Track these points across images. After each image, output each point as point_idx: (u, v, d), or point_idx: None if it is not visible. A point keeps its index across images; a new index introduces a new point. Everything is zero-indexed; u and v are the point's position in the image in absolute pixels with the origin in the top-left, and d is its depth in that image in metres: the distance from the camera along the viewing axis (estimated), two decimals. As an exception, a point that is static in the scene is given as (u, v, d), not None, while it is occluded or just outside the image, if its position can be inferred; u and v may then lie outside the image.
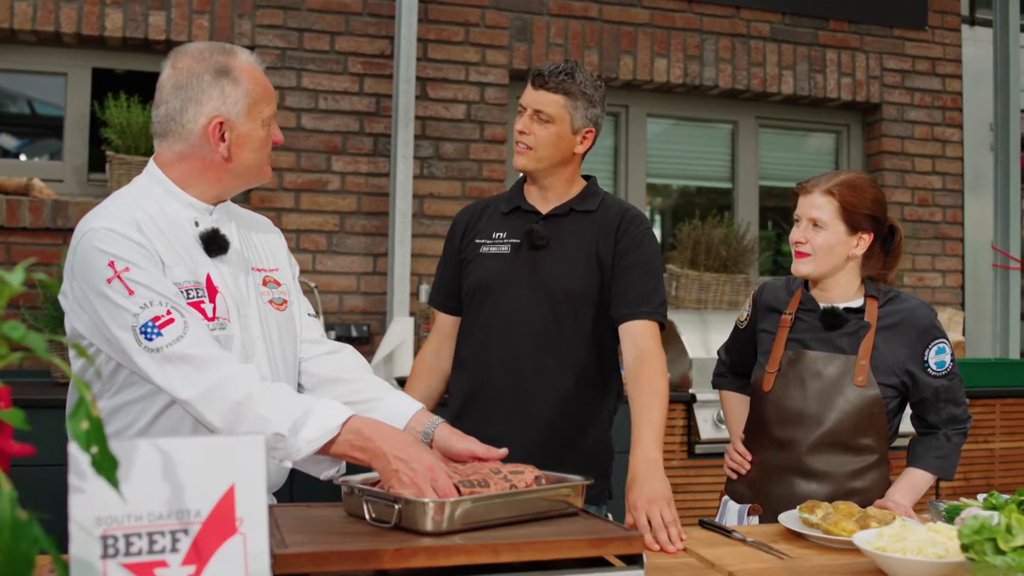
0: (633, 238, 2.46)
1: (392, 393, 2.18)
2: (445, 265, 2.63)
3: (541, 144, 2.43)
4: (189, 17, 4.23)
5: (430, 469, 1.73)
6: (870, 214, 2.36)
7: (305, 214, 4.39)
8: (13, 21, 4.00)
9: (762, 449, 2.44)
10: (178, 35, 4.20)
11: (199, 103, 1.93)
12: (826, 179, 2.37)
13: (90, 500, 1.19)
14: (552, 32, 4.73)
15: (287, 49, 4.37)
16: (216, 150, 1.95)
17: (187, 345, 1.80)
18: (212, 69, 1.94)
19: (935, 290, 5.25)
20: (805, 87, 5.08)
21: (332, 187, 4.43)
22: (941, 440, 2.37)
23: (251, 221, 2.21)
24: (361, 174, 4.47)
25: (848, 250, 2.36)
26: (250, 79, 1.97)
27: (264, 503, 1.29)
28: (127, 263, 1.83)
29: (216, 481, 1.26)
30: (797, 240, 2.37)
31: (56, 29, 4.05)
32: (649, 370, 2.27)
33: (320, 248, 4.41)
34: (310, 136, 4.40)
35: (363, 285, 4.46)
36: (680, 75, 4.91)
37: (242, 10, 4.30)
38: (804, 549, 1.99)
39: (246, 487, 1.28)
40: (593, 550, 1.65)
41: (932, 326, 2.35)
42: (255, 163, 2.01)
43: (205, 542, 1.25)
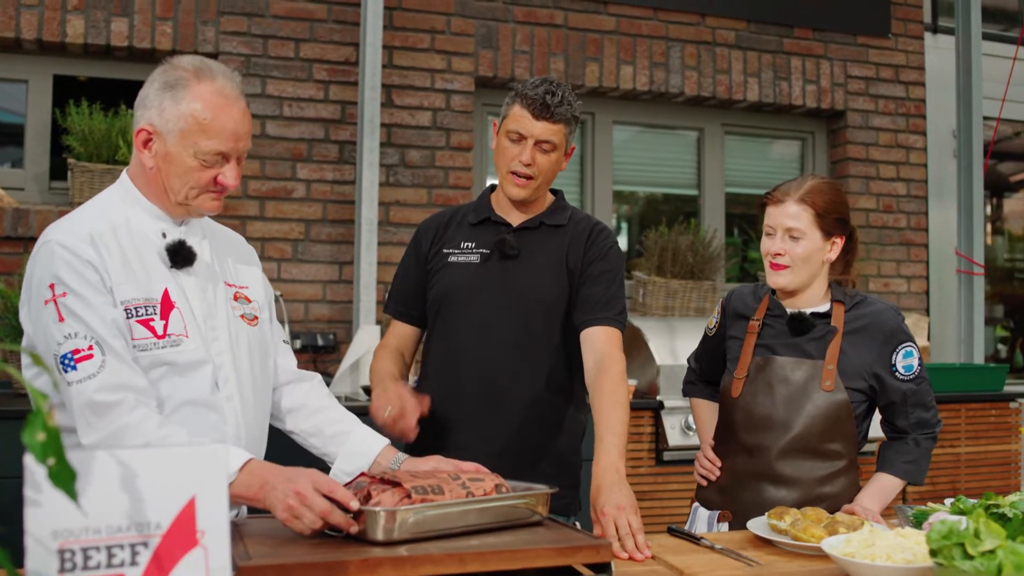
0: (601, 249, 2.47)
1: (360, 427, 2.18)
2: (407, 274, 2.60)
3: (543, 172, 2.42)
4: (152, 23, 4.18)
5: (298, 493, 1.67)
6: (840, 217, 2.36)
7: (270, 222, 4.35)
8: (-29, 27, 3.93)
9: (731, 455, 2.44)
10: (140, 41, 4.15)
11: (143, 108, 1.91)
12: (795, 187, 2.36)
13: (46, 513, 1.16)
14: (518, 39, 4.73)
15: (251, 56, 4.33)
16: (140, 156, 1.92)
17: (94, 388, 1.77)
18: (165, 80, 1.89)
19: (900, 295, 5.29)
20: (770, 94, 5.11)
21: (297, 195, 4.40)
22: (910, 445, 2.37)
23: (227, 239, 2.18)
24: (327, 182, 4.44)
25: (824, 256, 2.36)
26: (197, 105, 1.87)
27: (226, 514, 1.26)
28: (66, 287, 1.80)
29: (177, 492, 1.24)
30: (776, 252, 2.35)
31: (16, 35, 3.99)
32: (609, 377, 2.27)
33: (285, 256, 4.37)
34: (275, 143, 4.37)
35: (329, 293, 4.42)
36: (646, 82, 4.92)
37: (206, 16, 4.26)
38: (773, 556, 1.99)
39: (207, 498, 1.25)
40: (561, 559, 1.63)
41: (899, 329, 2.35)
42: (179, 188, 1.91)
43: (165, 555, 1.22)
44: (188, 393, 1.90)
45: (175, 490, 1.24)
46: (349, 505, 1.65)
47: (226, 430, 1.94)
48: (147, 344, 1.86)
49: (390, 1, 4.47)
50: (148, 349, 1.86)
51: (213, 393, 1.93)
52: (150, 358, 1.86)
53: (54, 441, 1.04)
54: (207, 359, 1.93)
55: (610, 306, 2.39)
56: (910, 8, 5.37)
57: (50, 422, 1.04)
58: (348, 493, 1.67)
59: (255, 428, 2.04)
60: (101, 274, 1.84)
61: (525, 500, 1.80)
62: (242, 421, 1.98)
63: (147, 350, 1.86)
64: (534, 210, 2.52)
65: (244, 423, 1.98)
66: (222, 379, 1.96)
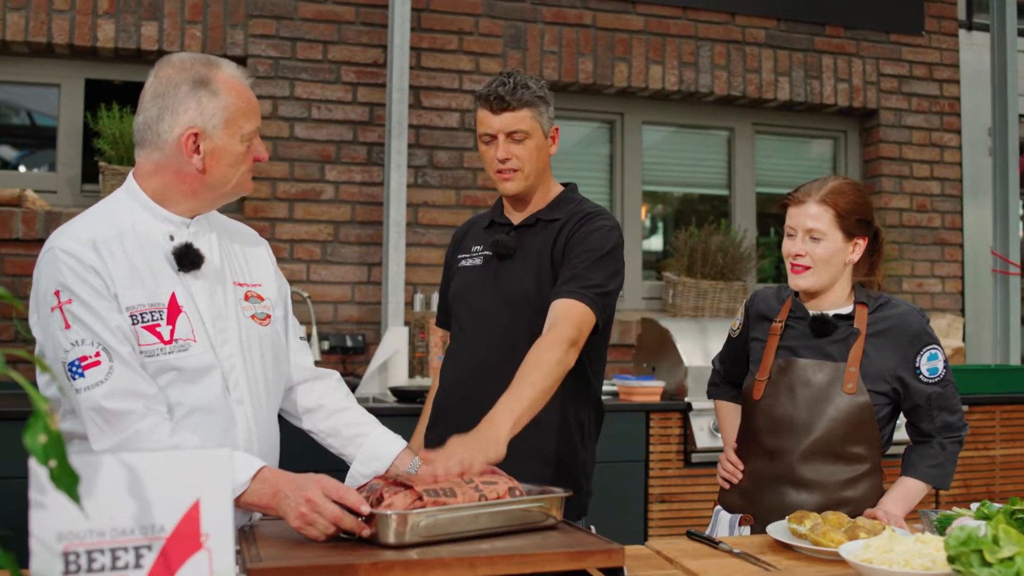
0: (584, 232, 2.40)
1: (378, 429, 2.17)
2: (443, 284, 2.68)
3: (526, 162, 2.41)
4: (181, 27, 4.22)
5: (309, 501, 1.68)
6: (862, 218, 2.33)
7: (299, 224, 4.38)
8: (6, 32, 3.99)
9: (753, 458, 2.42)
10: (170, 45, 4.19)
11: (175, 113, 1.90)
12: (817, 188, 2.34)
13: (51, 515, 1.17)
14: (546, 40, 4.72)
15: (280, 59, 4.36)
16: (190, 161, 1.91)
17: (103, 394, 1.78)
18: (191, 79, 1.90)
19: (934, 296, 5.22)
20: (801, 93, 5.06)
21: (326, 196, 4.42)
22: (935, 449, 2.33)
23: (237, 233, 2.17)
24: (355, 183, 4.46)
25: (846, 257, 2.34)
26: (231, 92, 1.92)
27: (230, 518, 1.27)
28: (71, 294, 1.81)
29: (181, 496, 1.24)
30: (797, 253, 2.33)
31: (48, 40, 4.05)
32: (541, 342, 2.17)
33: (314, 258, 4.40)
34: (304, 146, 4.39)
35: (358, 295, 4.44)
36: (675, 82, 4.89)
37: (235, 20, 4.29)
38: (792, 560, 1.96)
39: (212, 502, 1.26)
40: (572, 563, 1.62)
41: (923, 332, 2.32)
42: (231, 178, 1.96)
43: (170, 558, 1.23)
44: (197, 399, 1.90)
45: (179, 493, 1.24)
46: (360, 509, 1.66)
47: (236, 435, 1.94)
48: (154, 350, 1.85)
49: (418, 3, 4.48)
50: (155, 355, 1.85)
51: (224, 398, 1.93)
52: (157, 364, 1.86)
53: (56, 444, 1.05)
54: (215, 364, 1.93)
55: (575, 280, 2.30)
56: (944, 5, 5.29)
57: (52, 424, 1.05)
58: (359, 497, 1.68)
59: (268, 430, 2.04)
60: (105, 280, 1.84)
61: (538, 504, 1.79)
62: (253, 424, 1.98)
63: (154, 356, 1.85)
64: (536, 206, 2.50)
65: (256, 426, 1.98)
66: (232, 383, 1.95)
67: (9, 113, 4.52)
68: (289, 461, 2.09)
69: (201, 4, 4.25)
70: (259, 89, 4.30)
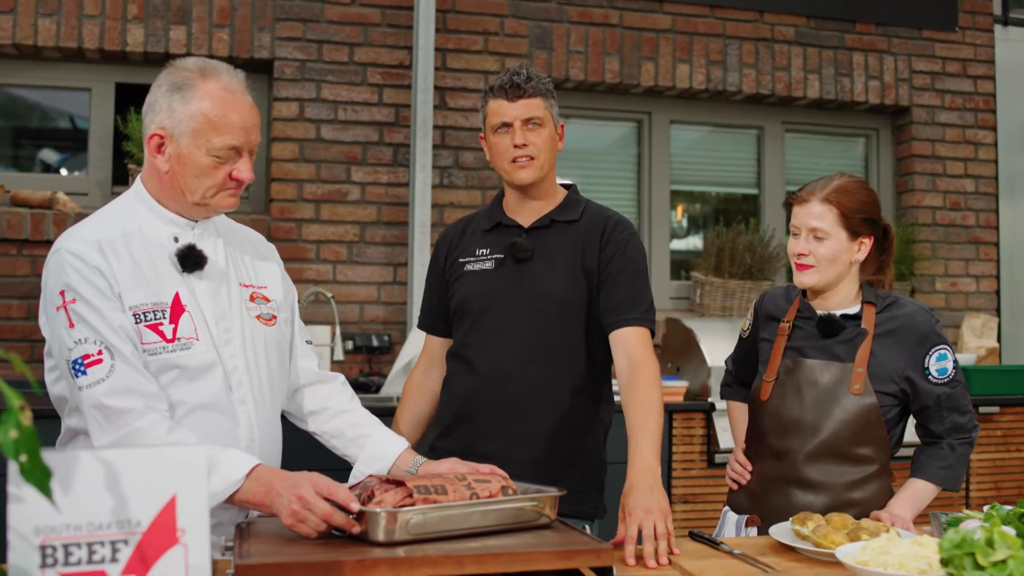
0: (617, 244, 2.42)
1: (380, 430, 2.19)
2: (430, 287, 2.62)
3: (541, 150, 2.40)
4: (209, 31, 4.28)
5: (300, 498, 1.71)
6: (867, 217, 2.31)
7: (325, 224, 4.42)
8: (37, 38, 4.07)
9: (761, 459, 2.40)
10: (198, 49, 4.25)
11: (153, 112, 1.93)
12: (820, 187, 2.32)
13: (29, 509, 1.19)
14: (572, 39, 4.72)
15: (306, 61, 4.40)
16: (154, 162, 1.94)
17: (103, 392, 1.81)
18: (172, 82, 1.92)
19: (968, 295, 5.14)
20: (831, 91, 5.01)
21: (352, 197, 4.45)
22: (945, 450, 2.30)
23: (245, 239, 2.20)
24: (381, 184, 4.48)
25: (851, 256, 2.31)
26: (206, 103, 1.90)
27: (206, 513, 1.29)
28: (75, 294, 1.85)
29: (158, 492, 1.26)
30: (800, 252, 2.32)
31: (79, 45, 4.12)
32: (643, 380, 2.23)
33: (340, 258, 4.43)
34: (330, 147, 4.43)
35: (383, 295, 4.47)
36: (703, 81, 4.86)
37: (262, 23, 4.34)
38: (793, 562, 1.94)
39: (188, 498, 1.28)
40: (560, 562, 1.62)
41: (932, 332, 2.29)
42: (196, 188, 1.94)
43: (146, 552, 1.25)
44: (199, 397, 1.93)
45: (156, 489, 1.26)
46: (349, 507, 1.67)
47: (239, 433, 1.96)
48: (156, 348, 1.89)
49: (443, 4, 4.50)
50: (158, 353, 1.89)
51: (226, 396, 1.96)
52: (160, 362, 1.89)
53: (28, 439, 1.07)
54: (218, 362, 1.95)
55: (636, 305, 2.35)
56: (979, 0, 5.20)
57: (24, 420, 1.08)
58: (349, 495, 1.69)
59: (270, 429, 2.06)
60: (109, 280, 1.87)
61: (532, 503, 1.80)
62: (255, 423, 2.00)
63: (157, 354, 1.89)
64: (545, 207, 2.49)
65: (258, 425, 2.01)
66: (235, 382, 1.98)
67: (62, 117, 4.61)
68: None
69: (228, 8, 4.30)
70: (286, 92, 4.36)
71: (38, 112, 4.60)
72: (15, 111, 4.58)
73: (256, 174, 4.51)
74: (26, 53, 4.19)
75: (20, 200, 4.08)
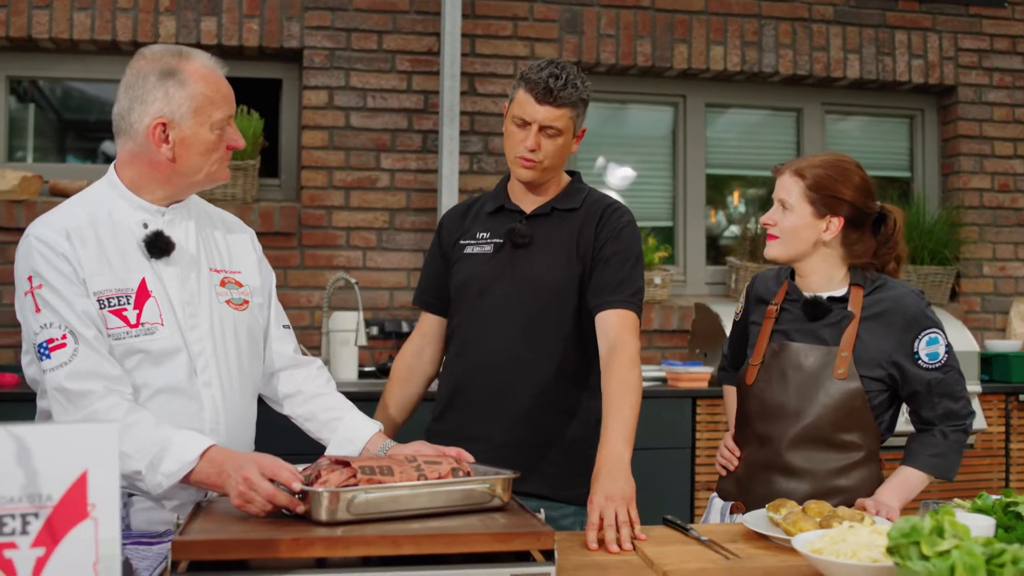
0: (612, 229, 2.41)
1: (351, 413, 2.21)
2: (431, 265, 2.63)
3: (549, 157, 2.38)
4: (239, 22, 4.34)
5: (246, 479, 1.72)
6: (844, 198, 2.24)
7: (355, 211, 4.45)
8: (73, 32, 4.18)
9: (747, 445, 2.36)
10: (228, 40, 4.31)
11: (144, 103, 1.96)
12: (799, 160, 2.29)
13: (-59, 483, 1.23)
14: (603, 23, 4.67)
15: (335, 49, 4.44)
16: (159, 151, 1.97)
17: (65, 376, 1.86)
18: (158, 71, 1.96)
19: (1018, 280, 4.96)
20: (873, 71, 4.87)
21: (381, 184, 4.48)
22: (937, 437, 2.23)
23: (220, 222, 2.23)
24: (410, 171, 4.51)
25: (816, 234, 2.26)
26: (198, 81, 1.97)
27: (117, 489, 1.31)
28: (42, 279, 1.90)
29: (69, 467, 1.29)
30: (765, 222, 2.30)
31: (113, 38, 4.22)
32: (619, 362, 2.21)
33: (370, 245, 4.47)
34: (359, 134, 4.46)
35: (413, 281, 4.48)
36: (738, 62, 4.77)
37: (291, 13, 4.39)
38: (762, 550, 1.91)
39: (99, 473, 1.30)
40: (498, 544, 1.61)
41: (921, 315, 2.21)
42: (202, 166, 2.01)
43: (56, 526, 1.28)
44: (163, 381, 1.96)
45: (68, 465, 1.29)
46: (291, 486, 1.69)
47: (203, 416, 2.00)
48: (120, 333, 1.93)
49: (471, -10, 4.50)
50: (122, 338, 1.93)
51: (190, 380, 1.99)
52: (124, 347, 1.94)
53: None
54: (182, 347, 1.99)
55: (622, 288, 2.33)
56: (1030, -27, 5.01)
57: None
58: (291, 475, 1.71)
59: (239, 412, 2.09)
60: (74, 266, 1.91)
61: (481, 485, 1.79)
62: (221, 406, 2.03)
63: (121, 339, 1.93)
64: (547, 194, 2.48)
65: (224, 408, 2.04)
66: (200, 366, 2.01)
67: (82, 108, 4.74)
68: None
69: (258, -2, 4.36)
70: (315, 80, 4.40)
71: (78, 103, 4.72)
72: (56, 103, 4.72)
73: (285, 162, 4.60)
74: (63, 47, 4.30)
75: (59, 190, 4.19)
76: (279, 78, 4.58)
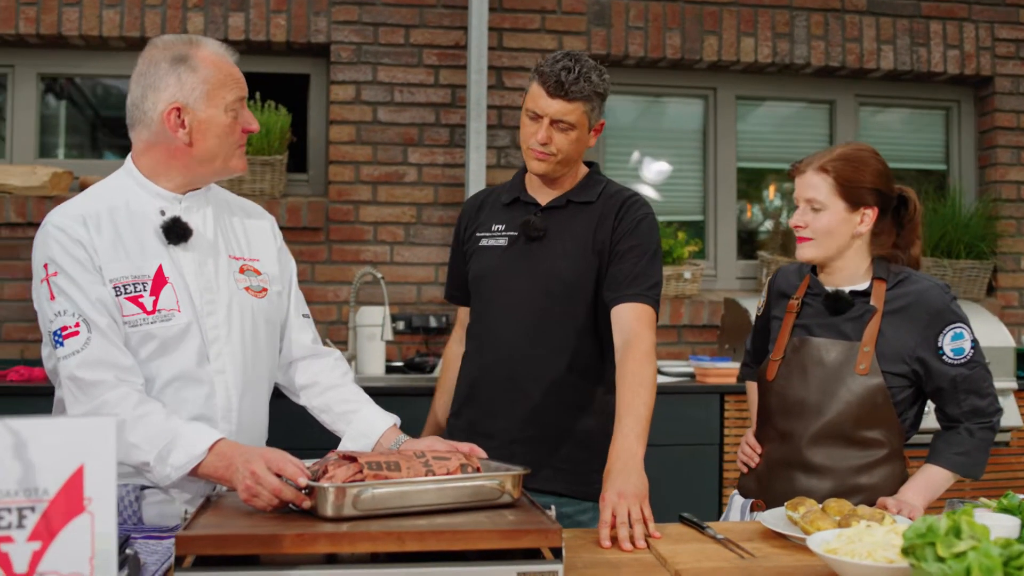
0: (630, 223, 2.38)
1: (367, 406, 2.21)
2: (452, 258, 2.63)
3: (563, 151, 2.35)
4: (267, 17, 4.35)
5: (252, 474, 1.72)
6: (871, 187, 2.19)
7: (383, 206, 4.45)
8: (102, 28, 4.21)
9: (768, 442, 2.31)
10: (256, 35, 4.33)
11: (157, 90, 1.97)
12: (820, 156, 2.22)
13: (-63, 476, 1.23)
14: (631, 15, 4.62)
15: (363, 44, 4.43)
16: (176, 136, 1.98)
17: (76, 364, 1.87)
18: (170, 58, 1.98)
19: (1058, 276, 4.86)
20: (907, 62, 4.78)
21: (409, 179, 4.47)
22: (963, 435, 2.17)
23: (240, 209, 2.24)
24: (438, 165, 4.49)
25: (852, 228, 2.20)
26: (209, 66, 1.99)
27: (114, 483, 1.30)
28: (57, 267, 1.91)
29: (66, 461, 1.28)
30: (796, 224, 2.23)
31: (142, 34, 4.24)
32: (633, 356, 2.18)
33: (398, 239, 4.46)
34: (386, 129, 4.46)
35: (441, 276, 4.47)
36: (769, 54, 4.70)
37: (318, 7, 4.39)
38: (779, 549, 1.87)
39: (96, 467, 1.29)
40: (504, 542, 1.59)
41: (946, 309, 2.16)
42: (219, 150, 2.02)
43: (52, 519, 1.27)
44: (176, 368, 1.97)
45: (64, 459, 1.28)
46: (297, 481, 1.68)
47: (215, 403, 2.00)
48: (137, 320, 1.94)
49: (499, -17, 4.48)
50: (138, 325, 1.94)
51: (201, 366, 1.99)
52: (140, 333, 1.94)
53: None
54: (196, 333, 2.00)
55: (638, 282, 2.30)
56: (1070, -39, 4.89)
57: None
58: (296, 470, 1.70)
59: (253, 400, 2.09)
60: (90, 253, 1.93)
61: (490, 481, 1.77)
62: (234, 393, 2.03)
63: (137, 326, 1.94)
64: (564, 187, 2.45)
65: (237, 396, 2.04)
66: (214, 353, 2.01)
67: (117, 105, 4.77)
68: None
69: (286, -7, 4.37)
70: (342, 75, 4.40)
71: (112, 100, 4.76)
72: (89, 100, 4.76)
73: (313, 157, 4.60)
74: (92, 44, 4.34)
75: (89, 186, 4.22)
76: (307, 73, 4.58)
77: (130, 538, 1.83)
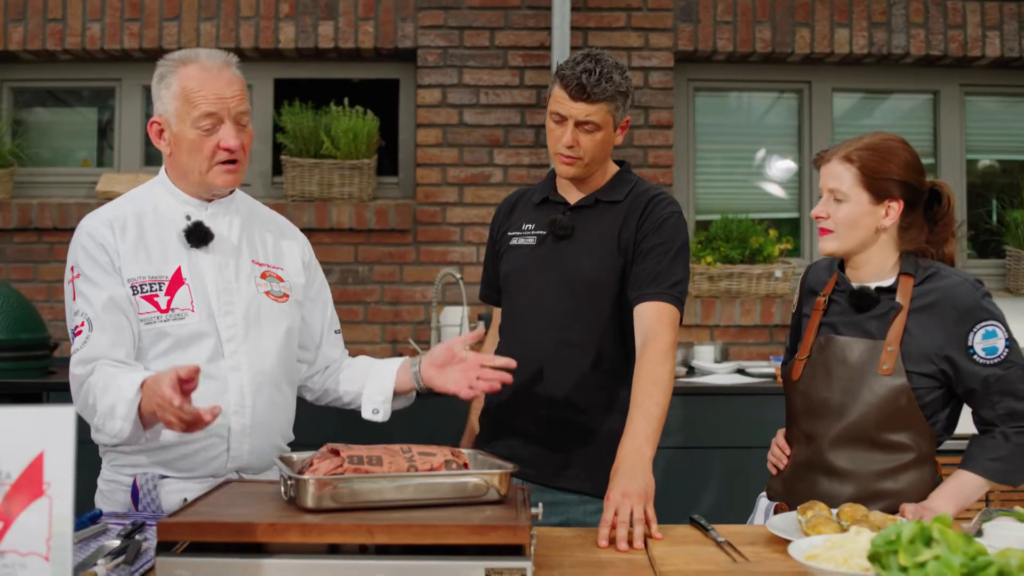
0: (654, 222, 2.35)
1: (378, 361, 2.35)
2: (487, 258, 2.65)
3: (589, 152, 2.34)
4: (355, 24, 4.47)
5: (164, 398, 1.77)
6: (898, 179, 2.09)
7: (469, 207, 4.51)
8: (200, 40, 4.42)
9: (794, 444, 2.24)
10: (345, 42, 4.45)
11: (154, 105, 2.13)
12: (846, 145, 2.14)
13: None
14: (719, 10, 4.54)
15: (448, 48, 4.50)
16: (159, 147, 2.13)
17: (74, 361, 2.02)
18: (159, 74, 2.11)
19: None
20: (1015, 48, 4.52)
21: (495, 180, 4.52)
22: (998, 439, 2.05)
23: (270, 222, 2.34)
24: (523, 166, 4.52)
25: (876, 221, 2.11)
26: (184, 80, 2.05)
27: (72, 469, 1.38)
28: (80, 270, 2.06)
29: (27, 447, 1.37)
30: (817, 215, 2.15)
31: (237, 45, 4.43)
32: (649, 355, 2.16)
33: (483, 240, 4.49)
34: (472, 131, 4.51)
35: (525, 276, 4.50)
36: (865, 45, 4.53)
37: (404, 13, 4.49)
38: (778, 554, 1.82)
39: (55, 454, 1.38)
40: (473, 537, 1.61)
41: (977, 306, 2.04)
42: (192, 164, 2.10)
43: (13, 502, 1.36)
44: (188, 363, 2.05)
45: (25, 445, 1.37)
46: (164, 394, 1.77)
47: (227, 399, 2.08)
48: (151, 317, 2.06)
49: (583, -17, 4.47)
50: (152, 322, 2.06)
51: (214, 362, 2.07)
52: (154, 331, 2.05)
53: None
54: (210, 332, 2.09)
55: (660, 280, 2.27)
56: None
57: None
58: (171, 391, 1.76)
59: (269, 398, 2.16)
60: (111, 255, 2.06)
61: (474, 478, 1.78)
62: (248, 391, 2.11)
63: (151, 323, 2.06)
64: (593, 186, 2.44)
65: (252, 392, 2.11)
66: (229, 351, 2.10)
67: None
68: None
69: (373, 1, 4.47)
70: (428, 78, 4.48)
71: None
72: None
73: (403, 160, 4.69)
74: (193, 56, 4.55)
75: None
76: (396, 78, 4.68)
77: (145, 524, 1.94)
